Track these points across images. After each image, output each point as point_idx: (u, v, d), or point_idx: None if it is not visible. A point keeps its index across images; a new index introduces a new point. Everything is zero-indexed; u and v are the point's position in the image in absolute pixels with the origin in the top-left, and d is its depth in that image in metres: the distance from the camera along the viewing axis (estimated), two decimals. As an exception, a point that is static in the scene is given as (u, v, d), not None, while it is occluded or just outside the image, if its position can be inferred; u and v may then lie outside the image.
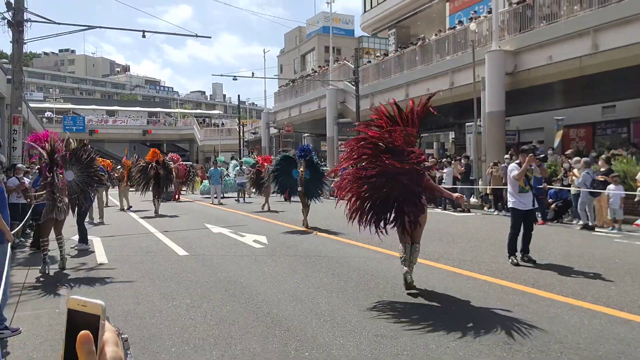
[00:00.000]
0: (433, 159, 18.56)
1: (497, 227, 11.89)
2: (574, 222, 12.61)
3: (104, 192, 15.74)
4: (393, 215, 6.03)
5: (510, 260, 7.61)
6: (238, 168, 23.45)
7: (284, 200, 13.96)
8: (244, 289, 6.27)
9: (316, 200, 13.16)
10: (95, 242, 10.49)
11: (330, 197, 23.31)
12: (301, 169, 12.61)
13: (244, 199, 22.15)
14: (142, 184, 17.31)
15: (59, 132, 40.67)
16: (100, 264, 8.34)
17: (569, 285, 6.15)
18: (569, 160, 14.25)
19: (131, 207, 18.51)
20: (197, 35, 17.11)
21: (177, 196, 24.14)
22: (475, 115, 18.13)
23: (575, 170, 12.66)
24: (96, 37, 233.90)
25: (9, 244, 5.05)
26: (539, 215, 13.13)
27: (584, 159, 12.97)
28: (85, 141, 8.54)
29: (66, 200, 7.81)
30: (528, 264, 7.47)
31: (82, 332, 0.71)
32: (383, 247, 8.89)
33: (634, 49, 13.99)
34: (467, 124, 19.92)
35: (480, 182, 17.39)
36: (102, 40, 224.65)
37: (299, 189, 12.64)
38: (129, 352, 0.79)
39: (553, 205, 13.21)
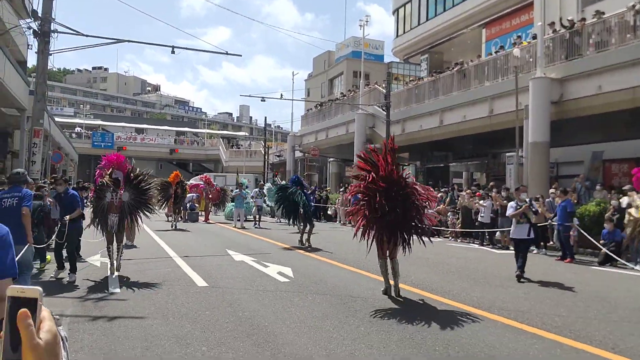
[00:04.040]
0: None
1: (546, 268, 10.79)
2: (630, 265, 11.38)
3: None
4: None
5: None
6: (257, 190, 22.71)
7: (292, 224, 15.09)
8: (269, 336, 5.39)
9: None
10: (110, 266, 9.75)
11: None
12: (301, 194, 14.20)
13: (258, 224, 21.24)
14: (162, 201, 19.67)
15: (88, 147, 41.36)
16: (111, 294, 7.58)
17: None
18: (619, 197, 13.09)
19: None
20: (227, 53, 16.60)
21: (206, 219, 23.63)
22: (517, 144, 17.08)
23: (632, 210, 11.49)
24: (134, 55, 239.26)
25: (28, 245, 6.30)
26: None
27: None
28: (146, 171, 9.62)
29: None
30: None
31: (21, 310, 0.83)
32: (427, 291, 7.94)
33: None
34: (507, 154, 18.90)
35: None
36: (140, 60, 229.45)
37: (301, 211, 14.11)
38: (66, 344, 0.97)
39: (603, 250, 11.82)
